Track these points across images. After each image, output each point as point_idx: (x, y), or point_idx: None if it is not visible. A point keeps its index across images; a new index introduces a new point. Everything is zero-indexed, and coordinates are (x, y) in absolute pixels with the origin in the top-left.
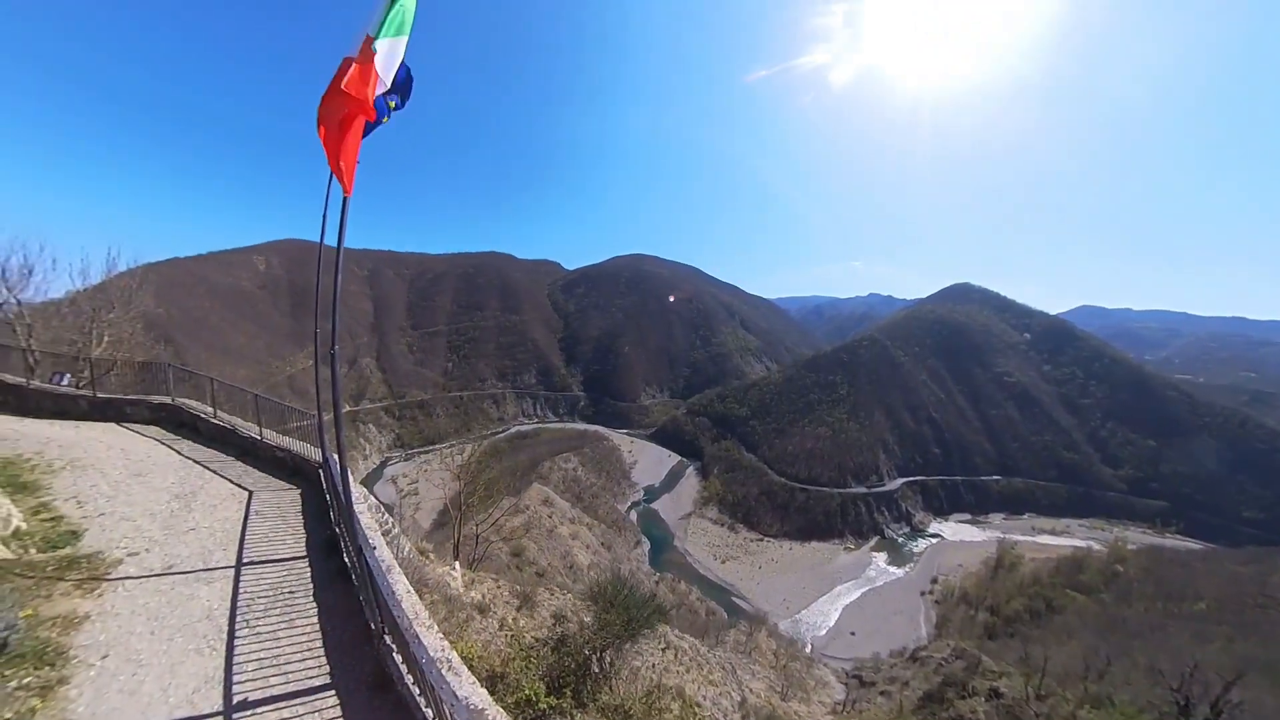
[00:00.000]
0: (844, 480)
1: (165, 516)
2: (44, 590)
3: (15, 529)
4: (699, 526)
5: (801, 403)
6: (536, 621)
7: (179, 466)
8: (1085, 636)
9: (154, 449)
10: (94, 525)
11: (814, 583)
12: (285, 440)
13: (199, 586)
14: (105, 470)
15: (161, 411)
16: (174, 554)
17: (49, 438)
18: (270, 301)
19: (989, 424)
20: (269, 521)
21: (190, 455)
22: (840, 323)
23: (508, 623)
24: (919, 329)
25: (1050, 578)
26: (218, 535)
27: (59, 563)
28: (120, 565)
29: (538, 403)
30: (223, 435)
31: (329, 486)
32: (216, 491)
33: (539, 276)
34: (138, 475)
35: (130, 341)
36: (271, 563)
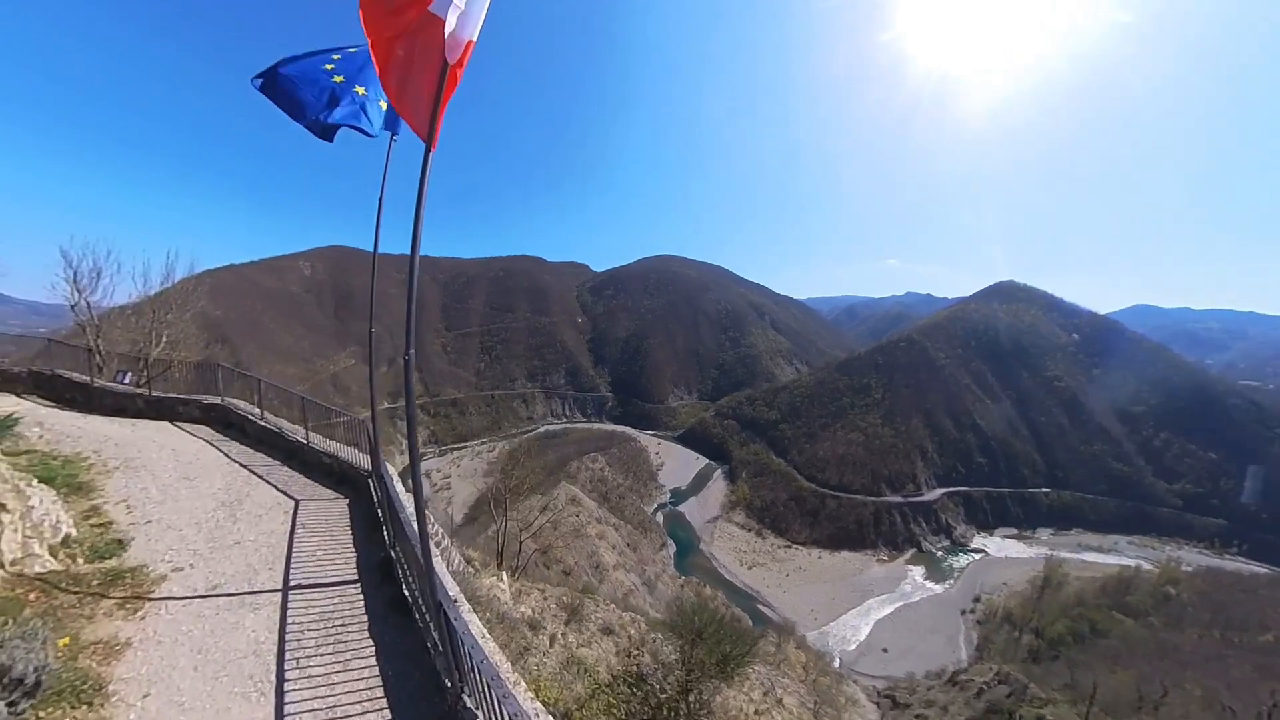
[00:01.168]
0: (878, 488)
1: (210, 527)
2: (86, 609)
3: (65, 536)
4: (725, 531)
5: (834, 406)
6: (586, 636)
7: (226, 470)
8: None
9: (203, 450)
10: (140, 534)
11: (844, 594)
12: (332, 445)
13: (245, 613)
14: (156, 472)
15: (211, 411)
16: (219, 571)
17: (107, 436)
18: (315, 304)
19: (1038, 432)
20: (316, 536)
21: (237, 458)
22: (874, 323)
23: (559, 639)
24: (961, 330)
25: (1095, 598)
26: (263, 551)
27: (104, 576)
28: (164, 583)
29: (566, 403)
30: (269, 437)
31: (380, 500)
32: (262, 499)
33: (568, 279)
34: (186, 479)
35: (186, 342)
36: (321, 587)
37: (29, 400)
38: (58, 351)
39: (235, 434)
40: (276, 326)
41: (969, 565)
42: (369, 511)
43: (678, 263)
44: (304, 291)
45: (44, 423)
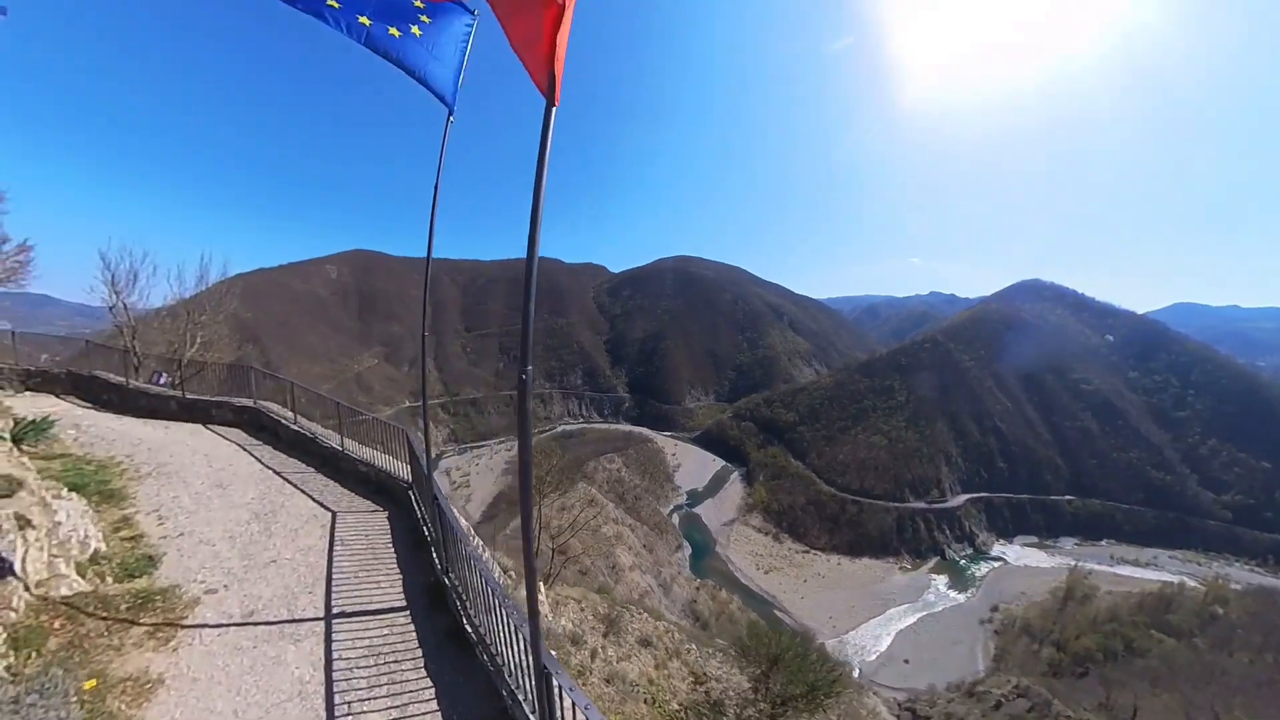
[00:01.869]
0: (901, 494)
1: (244, 541)
2: (115, 638)
3: (93, 552)
4: (742, 534)
5: (855, 409)
6: (625, 649)
7: (259, 477)
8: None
9: (235, 455)
10: (172, 548)
11: (865, 602)
12: (368, 453)
13: (285, 646)
14: (188, 479)
15: (244, 414)
16: (255, 595)
17: (140, 439)
18: (341, 306)
19: (1062, 437)
20: (357, 554)
21: (270, 464)
22: (897, 323)
23: (600, 653)
24: (984, 330)
25: (1131, 615)
26: (301, 570)
27: (134, 599)
28: (198, 607)
29: (583, 403)
30: (302, 443)
31: (424, 517)
32: (297, 510)
33: (585, 280)
34: (219, 486)
35: (219, 343)
36: (367, 615)
37: (67, 401)
38: (95, 353)
39: (268, 438)
40: (304, 327)
41: (989, 573)
42: (410, 526)
43: (695, 263)
44: (330, 294)
45: (80, 424)
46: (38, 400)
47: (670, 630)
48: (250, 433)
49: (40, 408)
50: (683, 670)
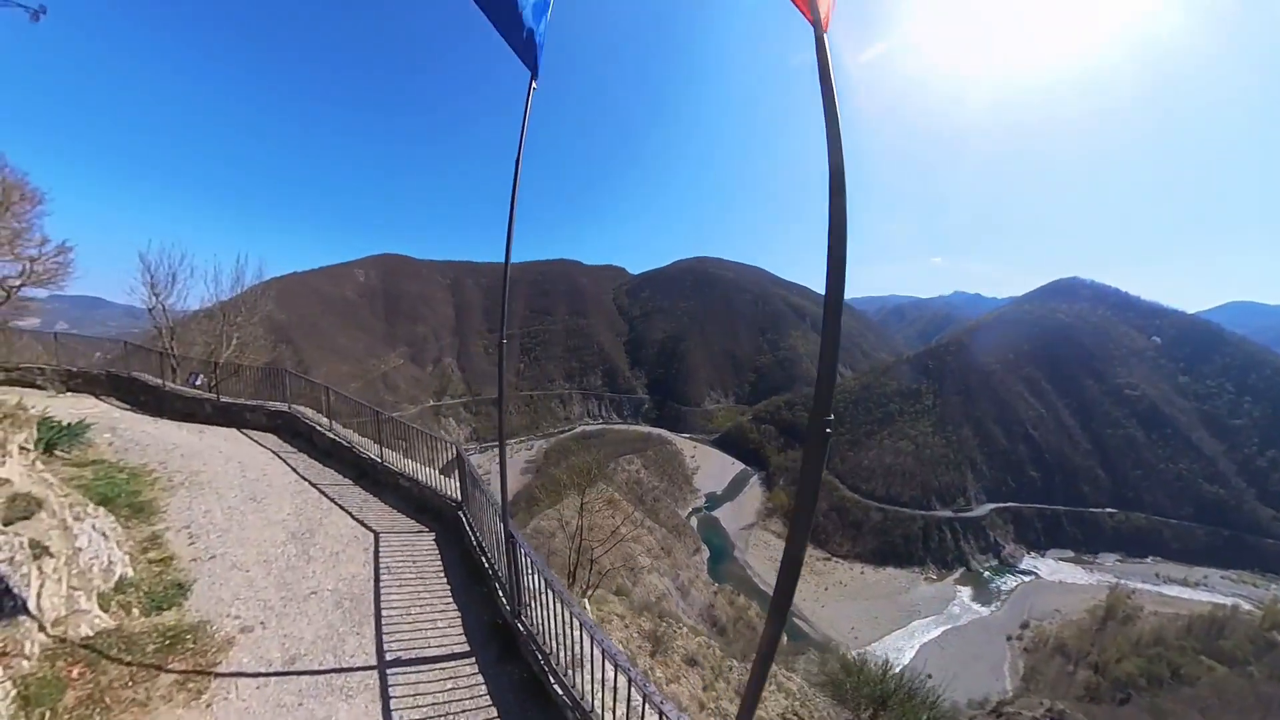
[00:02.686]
0: (927, 502)
1: (281, 567)
2: (140, 689)
3: (119, 579)
4: (761, 539)
5: (880, 413)
6: (672, 669)
7: (294, 489)
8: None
9: (270, 464)
10: (203, 574)
11: (889, 613)
12: (409, 465)
13: (336, 703)
14: (221, 491)
15: (278, 419)
16: (296, 635)
17: (175, 444)
18: (368, 308)
19: (1103, 446)
20: (406, 585)
21: (306, 474)
22: (923, 325)
23: (650, 675)
24: (1015, 332)
25: (1179, 639)
26: (345, 605)
27: (162, 638)
28: (232, 649)
29: (603, 404)
30: (339, 451)
31: (481, 545)
32: (337, 530)
33: (604, 282)
34: (252, 499)
35: (254, 345)
36: (426, 663)
37: (107, 402)
38: (134, 354)
39: (303, 444)
40: (334, 329)
41: (1018, 587)
42: (462, 552)
43: (714, 264)
44: (358, 296)
45: (116, 427)
46: (78, 401)
47: (710, 646)
48: (285, 438)
49: (80, 409)
50: (729, 692)
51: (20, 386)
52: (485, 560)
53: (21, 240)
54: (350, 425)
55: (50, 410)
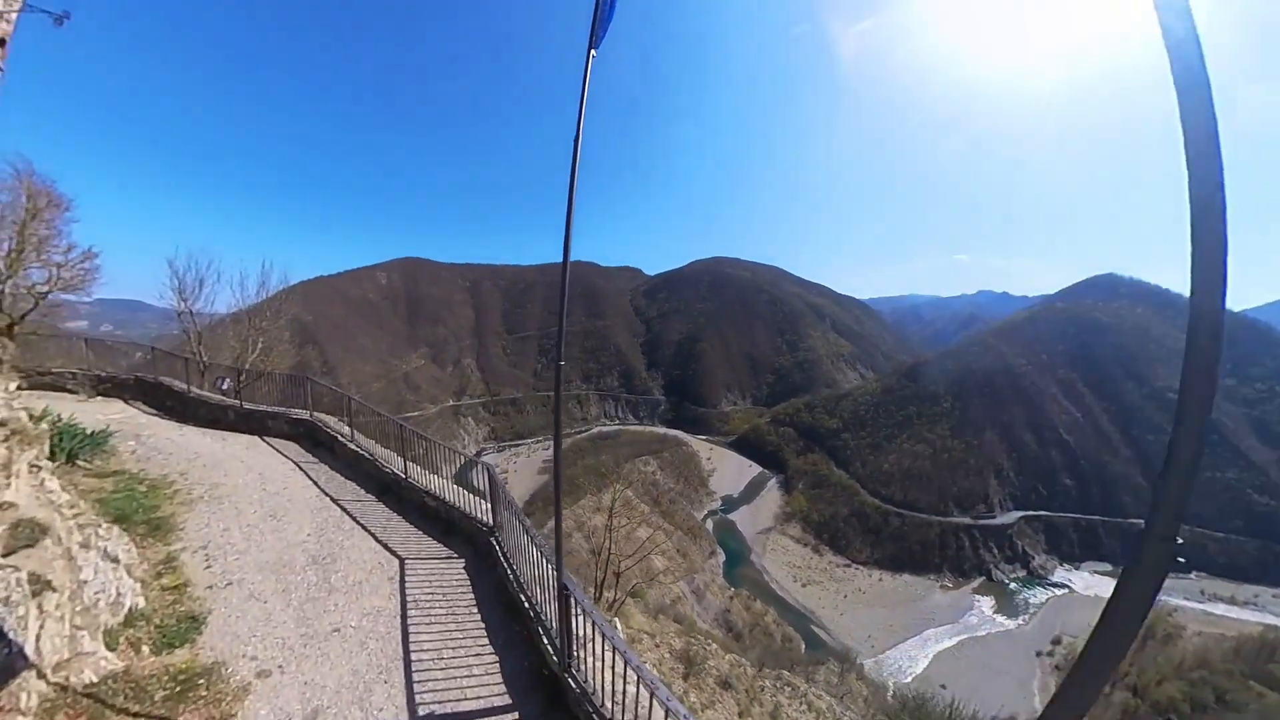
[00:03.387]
0: (945, 508)
1: (301, 598)
2: None
3: (129, 612)
4: (779, 544)
5: (900, 416)
6: (707, 694)
7: (315, 506)
8: None
9: (290, 476)
10: (219, 604)
11: (904, 621)
12: (434, 481)
13: None
14: (240, 506)
15: (300, 427)
16: (318, 682)
17: (197, 452)
18: (390, 310)
19: (1144, 453)
20: (437, 622)
21: (327, 487)
22: (943, 325)
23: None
24: (1047, 331)
25: (1225, 662)
26: (371, 646)
27: (173, 682)
28: (248, 698)
29: (619, 405)
30: (360, 464)
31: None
32: (359, 555)
33: (621, 283)
34: (272, 516)
35: (279, 348)
36: (463, 718)
37: (134, 406)
38: (161, 359)
39: (324, 454)
40: (358, 330)
41: (1049, 601)
42: (496, 583)
43: (731, 264)
44: (381, 299)
45: (141, 434)
46: (108, 406)
47: (741, 664)
48: (306, 447)
49: (108, 414)
50: (764, 718)
51: (53, 391)
52: (524, 598)
53: (49, 246)
54: (373, 436)
55: (78, 416)
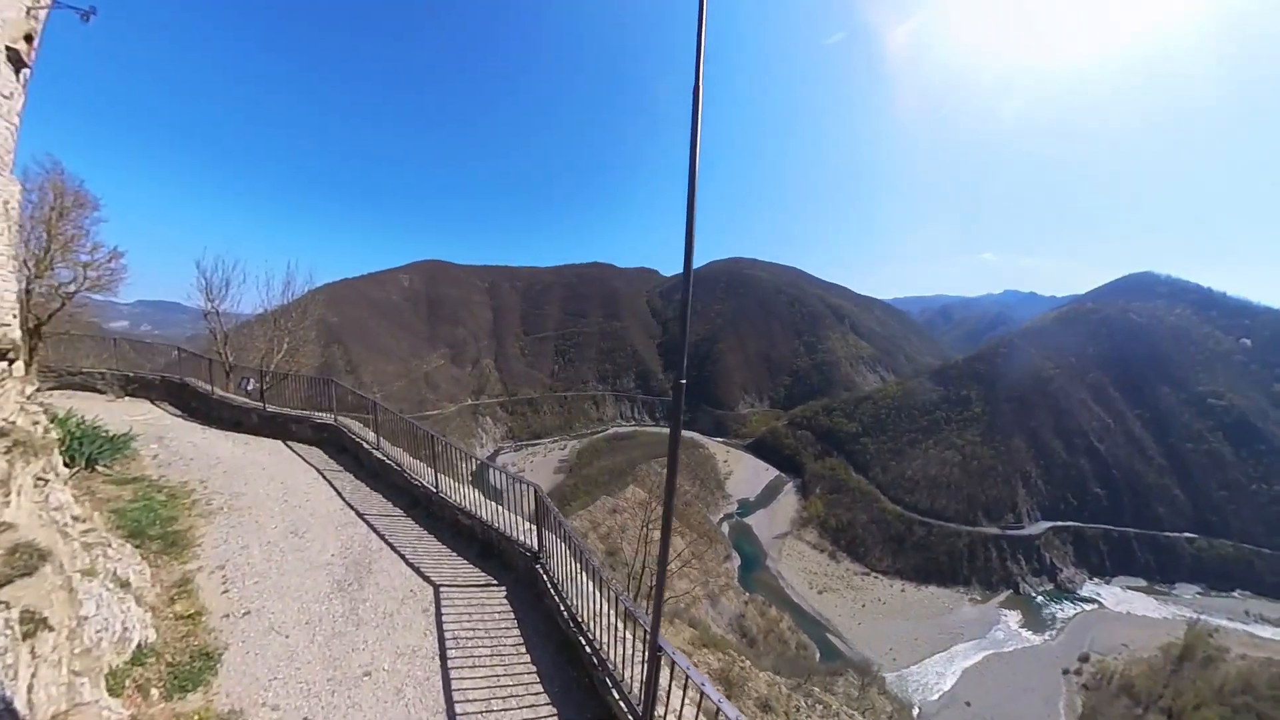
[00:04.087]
0: (974, 517)
1: (327, 632)
2: None
3: (137, 647)
4: (795, 549)
5: (924, 421)
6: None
7: (340, 520)
8: None
9: (314, 485)
10: (236, 637)
11: (929, 635)
12: (469, 495)
13: None
14: (261, 519)
15: (324, 432)
16: None
17: (219, 458)
18: (412, 311)
19: (1182, 462)
20: (480, 665)
21: (352, 500)
22: (971, 326)
23: None
24: (1077, 333)
25: (1270, 688)
26: (408, 694)
27: None
28: None
29: (635, 406)
30: (387, 474)
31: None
32: (390, 580)
33: (638, 284)
34: (294, 533)
35: (305, 349)
36: None
37: (161, 407)
38: (187, 360)
39: (349, 462)
40: (380, 330)
41: (1076, 616)
42: (544, 617)
43: (748, 265)
44: (403, 300)
45: (164, 437)
46: (134, 407)
47: (776, 683)
48: (330, 454)
49: (133, 415)
50: None
51: (83, 390)
52: (583, 640)
53: (76, 246)
54: (400, 443)
55: (104, 417)
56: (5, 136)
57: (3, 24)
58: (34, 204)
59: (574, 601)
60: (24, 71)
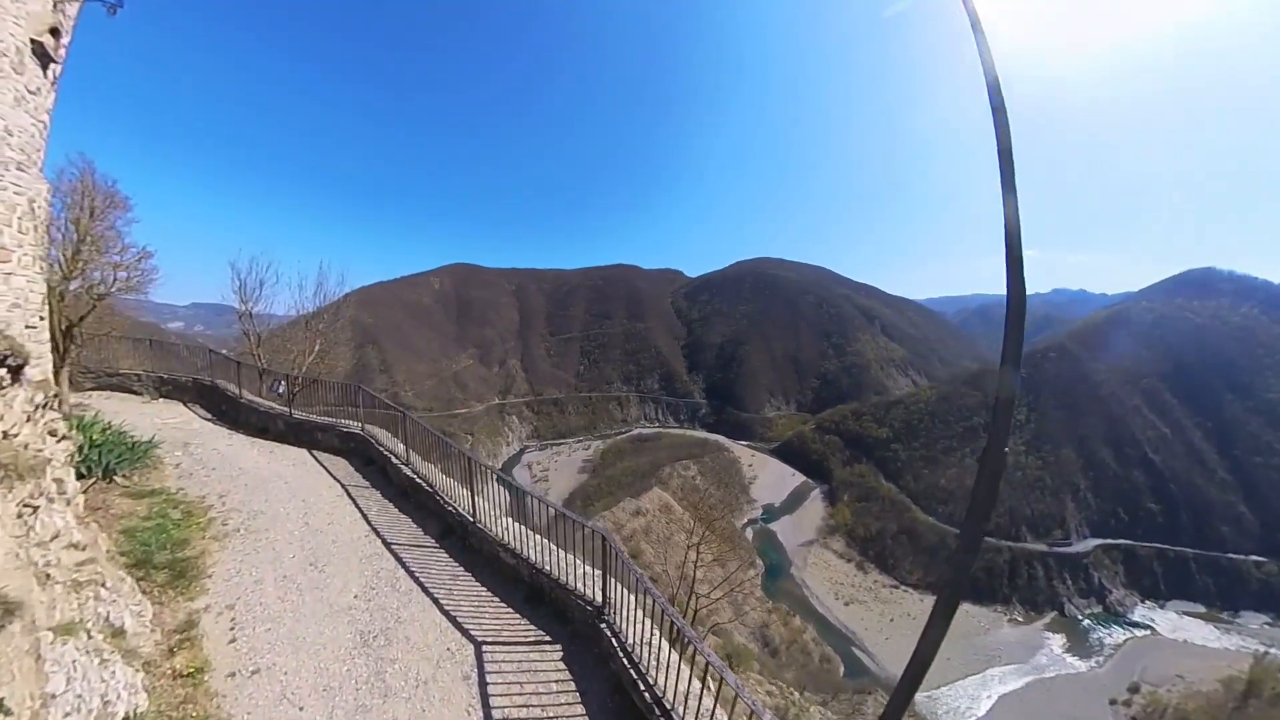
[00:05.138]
0: (1016, 531)
1: (349, 704)
2: None
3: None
4: (821, 558)
5: (961, 427)
6: None
7: (365, 552)
8: None
9: (338, 505)
10: (242, 706)
11: (962, 655)
12: (511, 528)
13: None
14: (279, 547)
15: (350, 442)
16: None
17: (242, 468)
18: (442, 313)
19: (1248, 476)
20: None
21: (379, 525)
22: None
23: None
24: (1131, 334)
25: None
26: None
27: None
28: None
29: (659, 407)
30: (417, 493)
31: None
32: (422, 634)
33: (662, 285)
34: (314, 565)
35: (336, 350)
36: None
37: (192, 410)
38: (218, 363)
39: (375, 476)
40: (412, 331)
41: (1126, 642)
42: (610, 686)
43: (775, 264)
44: (433, 302)
45: (190, 443)
46: (167, 409)
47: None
48: (357, 465)
49: (164, 419)
50: None
51: (120, 392)
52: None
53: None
54: (431, 456)
55: (136, 421)
56: (32, 134)
57: (28, 17)
58: (65, 204)
59: (655, 674)
60: (52, 67)
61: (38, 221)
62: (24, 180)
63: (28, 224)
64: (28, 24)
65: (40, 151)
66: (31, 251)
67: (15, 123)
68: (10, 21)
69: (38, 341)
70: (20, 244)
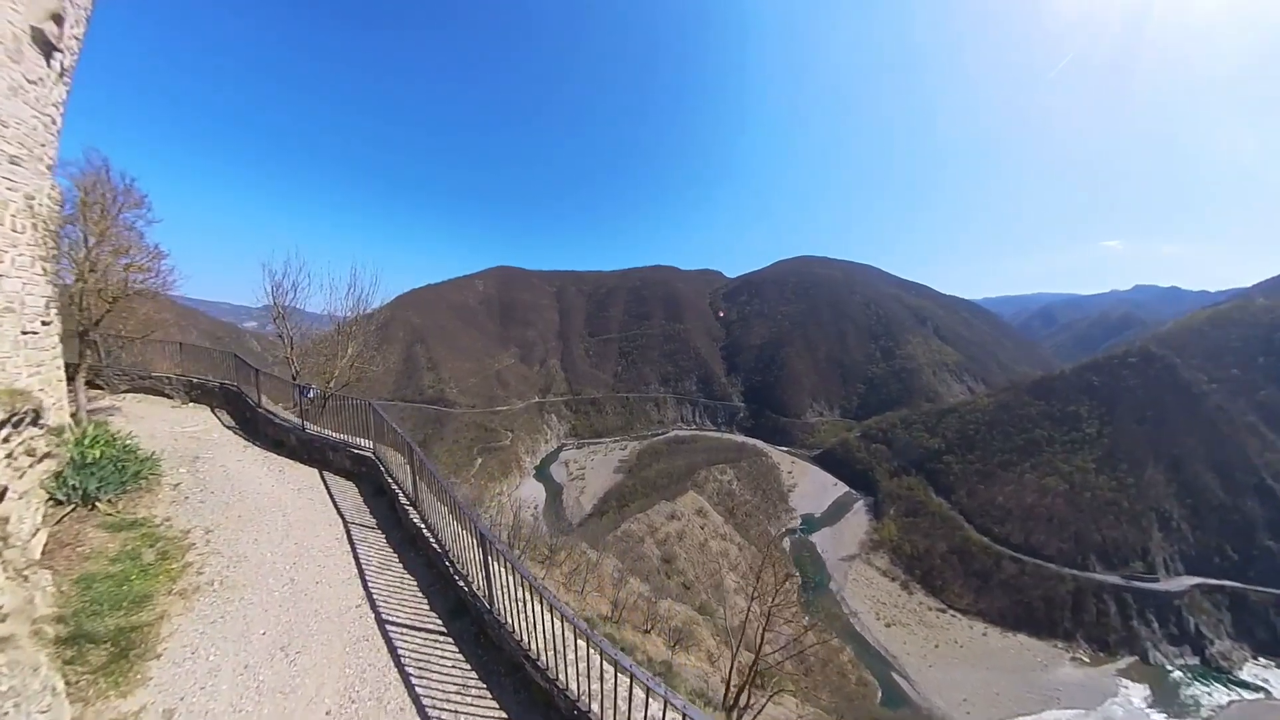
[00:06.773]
0: (1084, 559)
1: None
2: None
3: None
4: (863, 574)
5: (1022, 439)
6: None
7: (353, 633)
8: None
9: (334, 553)
10: None
11: (1014, 691)
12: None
13: None
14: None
15: (362, 465)
16: None
17: (243, 493)
18: (486, 314)
19: None
20: None
21: (375, 589)
22: (1084, 330)
23: None
24: (1242, 338)
25: None
26: None
27: None
28: None
29: (697, 410)
30: (425, 548)
31: None
32: None
33: (701, 286)
34: (285, 651)
35: (366, 355)
36: None
37: (218, 416)
38: (241, 368)
39: (383, 513)
40: (458, 331)
41: (1231, 704)
42: None
43: (819, 263)
44: (478, 304)
45: (200, 457)
46: (193, 415)
47: None
48: (365, 494)
49: (186, 426)
50: None
51: (153, 395)
52: None
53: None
54: (445, 500)
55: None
56: (33, 127)
57: (26, 1)
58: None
59: None
60: (56, 56)
61: (37, 220)
62: (19, 175)
63: (23, 222)
64: (26, 9)
65: (45, 146)
66: (29, 252)
67: (10, 113)
68: (6, 6)
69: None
70: (15, 244)
